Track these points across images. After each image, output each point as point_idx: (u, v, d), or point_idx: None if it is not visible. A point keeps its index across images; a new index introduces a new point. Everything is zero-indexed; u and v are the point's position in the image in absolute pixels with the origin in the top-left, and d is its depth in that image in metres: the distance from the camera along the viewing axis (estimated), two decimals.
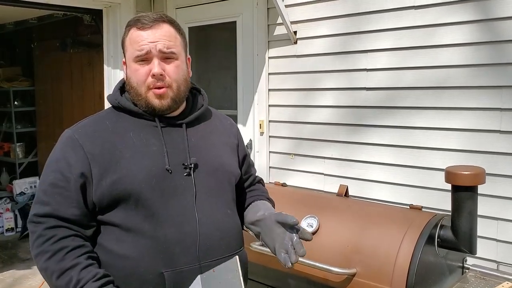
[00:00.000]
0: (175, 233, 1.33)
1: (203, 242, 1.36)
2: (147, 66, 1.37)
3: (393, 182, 2.68)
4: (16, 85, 6.16)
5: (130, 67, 1.40)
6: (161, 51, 1.37)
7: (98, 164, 1.32)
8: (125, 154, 1.34)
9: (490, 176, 2.15)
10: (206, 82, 3.70)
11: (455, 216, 1.86)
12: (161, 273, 1.31)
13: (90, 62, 5.31)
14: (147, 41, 1.36)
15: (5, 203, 5.48)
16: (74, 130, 1.39)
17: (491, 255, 2.31)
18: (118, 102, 1.43)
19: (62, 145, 1.37)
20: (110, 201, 1.32)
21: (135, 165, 1.34)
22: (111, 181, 1.31)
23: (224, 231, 1.42)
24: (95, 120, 1.43)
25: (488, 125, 2.33)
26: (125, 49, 1.42)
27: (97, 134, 1.37)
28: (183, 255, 1.33)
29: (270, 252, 2.03)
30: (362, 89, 2.77)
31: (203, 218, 1.38)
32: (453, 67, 2.43)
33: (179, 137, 1.43)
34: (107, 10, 3.87)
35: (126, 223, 1.32)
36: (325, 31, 2.92)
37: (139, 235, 1.32)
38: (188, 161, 1.40)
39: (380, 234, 1.93)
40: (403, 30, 2.58)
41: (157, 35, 1.37)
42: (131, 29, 1.40)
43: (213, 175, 1.45)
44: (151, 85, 1.37)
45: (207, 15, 3.56)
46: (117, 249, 1.32)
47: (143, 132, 1.39)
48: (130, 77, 1.40)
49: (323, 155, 2.98)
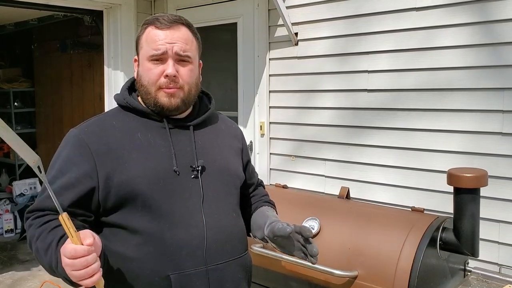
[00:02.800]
0: (182, 235, 1.32)
1: (210, 245, 1.35)
2: (161, 66, 1.36)
3: (394, 184, 2.67)
4: (16, 86, 6.16)
5: (143, 65, 1.38)
6: (177, 54, 1.36)
7: (104, 164, 1.30)
8: (132, 154, 1.33)
9: (492, 178, 2.14)
10: (207, 83, 3.70)
11: (457, 219, 1.85)
12: (167, 276, 1.29)
13: (90, 63, 5.31)
14: (164, 41, 1.35)
15: (5, 205, 5.47)
16: (80, 129, 1.36)
17: (493, 258, 2.31)
18: (126, 102, 1.41)
19: (68, 144, 1.34)
20: (116, 202, 1.30)
21: (143, 166, 1.32)
22: (118, 181, 1.29)
23: (230, 234, 1.41)
24: (101, 120, 1.41)
25: (490, 127, 2.32)
26: (140, 47, 1.40)
27: (104, 134, 1.34)
28: (189, 258, 1.32)
29: (271, 255, 2.03)
30: (363, 91, 2.77)
31: (210, 221, 1.36)
32: (455, 69, 2.42)
33: (186, 139, 1.42)
34: (107, 11, 3.87)
35: (133, 225, 1.31)
36: (326, 32, 2.92)
37: (145, 237, 1.30)
38: (196, 163, 1.39)
39: (382, 237, 1.92)
40: (405, 32, 2.58)
41: (174, 36, 1.36)
42: (148, 27, 1.39)
43: (219, 178, 1.44)
44: (163, 85, 1.36)
45: (208, 16, 3.55)
46: (123, 251, 1.31)
47: (150, 133, 1.38)
48: (141, 75, 1.39)
49: (324, 157, 2.98)
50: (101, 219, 1.34)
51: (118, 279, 1.30)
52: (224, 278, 1.38)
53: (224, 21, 3.48)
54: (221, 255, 1.37)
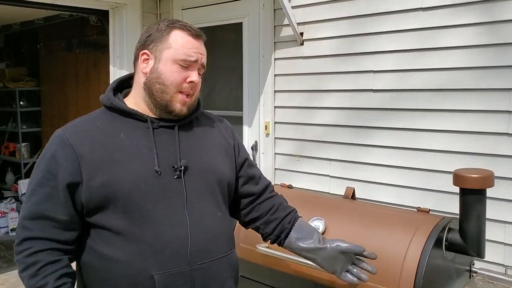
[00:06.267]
0: (165, 235, 1.33)
1: (194, 244, 1.36)
2: (186, 71, 1.41)
3: (399, 184, 2.66)
4: (22, 85, 6.19)
5: (166, 64, 1.40)
6: (203, 65, 1.46)
7: (87, 164, 1.31)
8: (115, 155, 1.34)
9: (497, 179, 2.12)
10: (212, 83, 3.70)
11: (463, 219, 1.84)
12: (151, 276, 1.30)
13: (95, 63, 5.32)
14: (197, 50, 1.43)
15: (10, 203, 5.49)
16: (64, 129, 1.39)
17: (499, 259, 2.30)
18: (111, 102, 1.42)
19: (52, 144, 1.36)
20: (98, 203, 1.32)
21: (125, 167, 1.33)
22: (100, 182, 1.31)
23: (214, 233, 1.42)
24: (86, 120, 1.43)
25: (496, 128, 2.31)
26: (164, 45, 1.41)
27: (87, 134, 1.36)
28: (173, 257, 1.33)
29: (276, 254, 2.03)
30: (369, 91, 2.76)
31: (194, 220, 1.37)
32: (461, 69, 2.41)
33: (170, 139, 1.43)
34: (113, 11, 3.88)
35: (116, 226, 1.32)
36: (331, 32, 2.91)
37: (128, 238, 1.32)
38: (179, 163, 1.39)
39: (387, 237, 1.92)
40: (410, 32, 2.57)
41: (202, 49, 1.46)
42: (177, 30, 1.42)
43: (203, 177, 1.45)
44: (184, 89, 1.41)
45: (213, 16, 3.56)
46: (107, 252, 1.32)
47: (134, 134, 1.39)
48: (162, 74, 1.40)
49: (329, 157, 2.97)
50: (86, 219, 1.35)
51: (104, 280, 1.32)
52: (208, 277, 1.39)
53: (230, 21, 3.48)
54: (205, 254, 1.38)
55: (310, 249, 1.57)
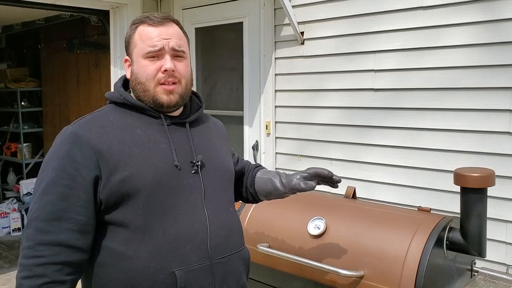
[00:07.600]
0: (186, 231, 1.33)
1: (213, 239, 1.36)
2: (157, 62, 1.37)
3: (401, 183, 2.66)
4: (23, 86, 6.19)
5: (138, 63, 1.39)
6: (173, 49, 1.39)
7: (106, 160, 1.28)
8: (134, 150, 1.32)
9: (499, 178, 2.12)
10: (213, 83, 3.70)
11: (464, 219, 1.83)
12: (173, 273, 1.29)
13: (97, 63, 5.32)
14: (160, 37, 1.37)
15: (12, 203, 5.50)
16: (76, 126, 1.33)
17: (501, 258, 2.29)
18: (123, 98, 1.40)
19: (65, 142, 1.30)
20: (118, 198, 1.29)
21: (145, 162, 1.32)
22: (121, 178, 1.28)
23: (230, 228, 1.44)
24: (98, 116, 1.39)
25: (497, 127, 2.30)
26: (133, 46, 1.41)
27: (103, 130, 1.33)
28: (194, 253, 1.32)
29: (277, 254, 2.03)
30: (370, 90, 2.76)
31: (212, 215, 1.38)
32: (462, 68, 2.41)
33: (183, 136, 1.44)
34: (114, 11, 3.88)
35: (135, 222, 1.29)
36: (332, 31, 2.91)
37: (148, 234, 1.29)
38: (195, 159, 1.40)
39: (388, 236, 1.91)
40: (411, 31, 2.57)
41: (169, 32, 1.39)
42: (140, 26, 1.40)
43: (217, 173, 1.47)
44: (161, 80, 1.37)
45: (214, 15, 3.55)
46: (125, 250, 1.29)
47: (149, 129, 1.38)
48: (137, 73, 1.39)
49: (330, 156, 2.97)
50: (103, 217, 1.31)
51: (121, 280, 1.28)
52: (227, 271, 1.40)
53: (230, 21, 3.48)
54: (224, 248, 1.39)
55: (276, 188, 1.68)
